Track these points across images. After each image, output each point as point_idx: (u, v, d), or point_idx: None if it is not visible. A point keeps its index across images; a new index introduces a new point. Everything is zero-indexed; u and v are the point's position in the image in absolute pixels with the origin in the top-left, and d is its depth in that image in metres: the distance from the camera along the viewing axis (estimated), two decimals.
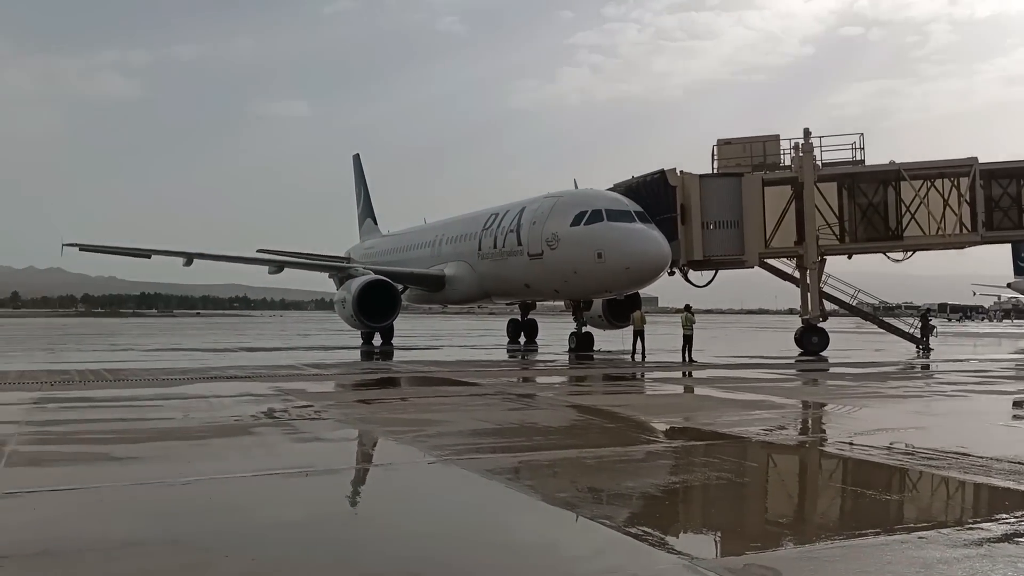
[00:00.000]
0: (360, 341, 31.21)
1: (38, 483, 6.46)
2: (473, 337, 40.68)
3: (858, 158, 25.91)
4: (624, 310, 26.96)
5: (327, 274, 36.17)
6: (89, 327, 57.46)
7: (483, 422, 10.13)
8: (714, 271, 26.89)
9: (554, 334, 35.95)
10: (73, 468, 7.20)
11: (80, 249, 31.07)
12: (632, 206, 22.93)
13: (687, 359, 21.89)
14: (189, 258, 30.77)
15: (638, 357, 22.52)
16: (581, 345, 25.94)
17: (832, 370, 19.98)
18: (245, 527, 5.38)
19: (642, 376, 18.12)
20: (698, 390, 14.80)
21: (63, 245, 29.86)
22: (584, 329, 26.51)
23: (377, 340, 30.73)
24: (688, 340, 22.49)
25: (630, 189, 25.88)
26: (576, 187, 26.19)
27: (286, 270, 32.97)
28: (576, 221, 22.83)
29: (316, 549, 4.85)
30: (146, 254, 31.15)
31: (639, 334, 23.14)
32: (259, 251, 38.31)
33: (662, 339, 29.44)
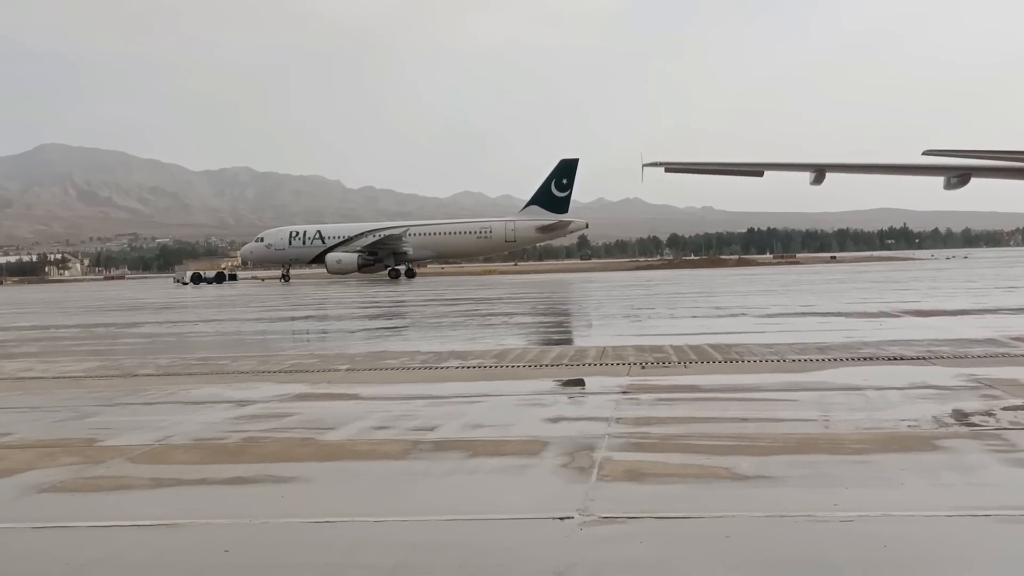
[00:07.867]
0: None
1: (640, 506, 7.35)
2: None
3: None
4: None
5: None
6: (677, 281, 63.90)
7: None
8: None
9: None
10: (682, 488, 8.05)
11: (665, 170, 34.59)
12: None
13: None
14: (819, 171, 32.06)
15: None
16: None
17: None
18: None
19: None
20: None
21: (643, 166, 33.57)
22: None
23: None
24: None
25: None
26: None
27: (972, 181, 32.37)
28: None
29: None
30: (757, 170, 33.36)
31: None
32: (926, 153, 38.21)
33: None
